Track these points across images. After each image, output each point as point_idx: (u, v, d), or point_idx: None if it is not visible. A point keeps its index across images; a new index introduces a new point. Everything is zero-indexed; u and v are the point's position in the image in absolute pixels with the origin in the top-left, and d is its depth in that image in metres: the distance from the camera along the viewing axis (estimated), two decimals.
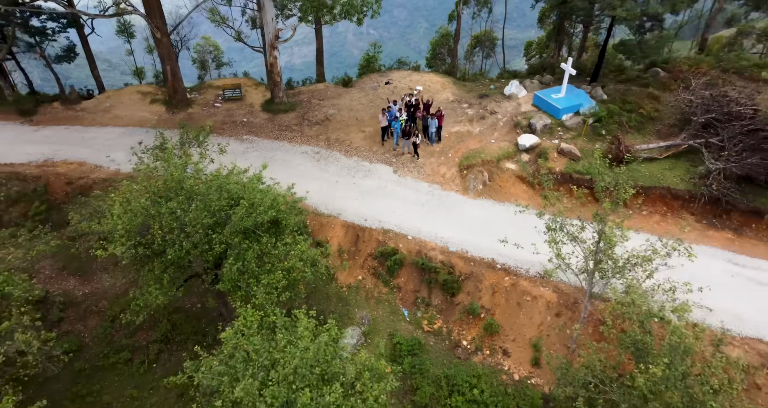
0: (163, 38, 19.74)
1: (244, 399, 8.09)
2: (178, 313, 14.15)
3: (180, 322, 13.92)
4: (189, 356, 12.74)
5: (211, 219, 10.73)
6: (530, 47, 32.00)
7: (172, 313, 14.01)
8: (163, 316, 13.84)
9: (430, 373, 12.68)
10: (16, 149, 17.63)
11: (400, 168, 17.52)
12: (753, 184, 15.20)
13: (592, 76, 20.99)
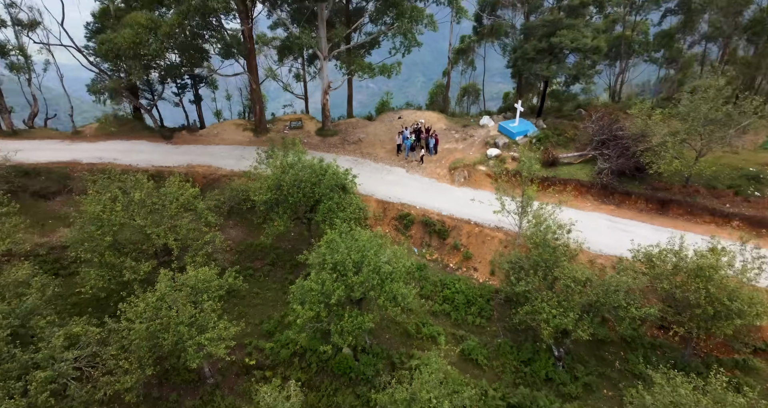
0: (256, 88, 29.28)
1: (341, 259, 16.36)
2: (277, 249, 22.64)
3: (280, 254, 22.36)
4: (287, 273, 21.28)
5: (312, 181, 19.53)
6: (507, 96, 42.09)
7: (275, 249, 22.53)
8: (271, 250, 22.35)
9: (430, 279, 20.99)
10: (168, 158, 26.70)
11: (411, 169, 26.57)
12: (625, 176, 24.01)
13: (537, 113, 30.35)
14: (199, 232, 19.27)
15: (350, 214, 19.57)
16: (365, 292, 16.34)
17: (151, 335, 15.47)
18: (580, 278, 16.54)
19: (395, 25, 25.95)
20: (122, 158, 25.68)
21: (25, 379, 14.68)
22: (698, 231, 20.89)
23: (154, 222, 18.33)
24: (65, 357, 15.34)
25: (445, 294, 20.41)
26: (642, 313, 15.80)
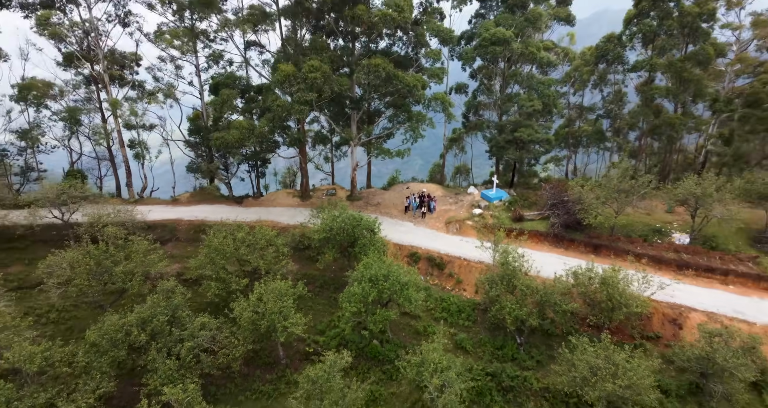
0: (305, 166, 39.54)
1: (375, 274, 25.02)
2: (324, 277, 31.02)
3: (326, 280, 30.63)
4: (331, 292, 29.66)
5: (352, 225, 28.70)
6: (492, 173, 52.75)
7: (323, 277, 30.99)
8: (320, 277, 30.79)
9: (433, 296, 29.24)
10: (242, 216, 35.25)
11: (417, 223, 35.76)
12: (570, 228, 33.09)
13: (510, 184, 40.31)
14: (278, 259, 28.12)
15: (377, 247, 28.54)
16: (390, 296, 24.82)
17: (253, 322, 23.76)
18: (531, 286, 25.14)
19: (405, 124, 36.80)
20: (210, 216, 35.05)
21: (177, 348, 22.86)
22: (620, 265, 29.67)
23: (250, 252, 27.29)
24: (200, 335, 23.58)
25: (443, 306, 28.59)
26: (569, 307, 24.16)
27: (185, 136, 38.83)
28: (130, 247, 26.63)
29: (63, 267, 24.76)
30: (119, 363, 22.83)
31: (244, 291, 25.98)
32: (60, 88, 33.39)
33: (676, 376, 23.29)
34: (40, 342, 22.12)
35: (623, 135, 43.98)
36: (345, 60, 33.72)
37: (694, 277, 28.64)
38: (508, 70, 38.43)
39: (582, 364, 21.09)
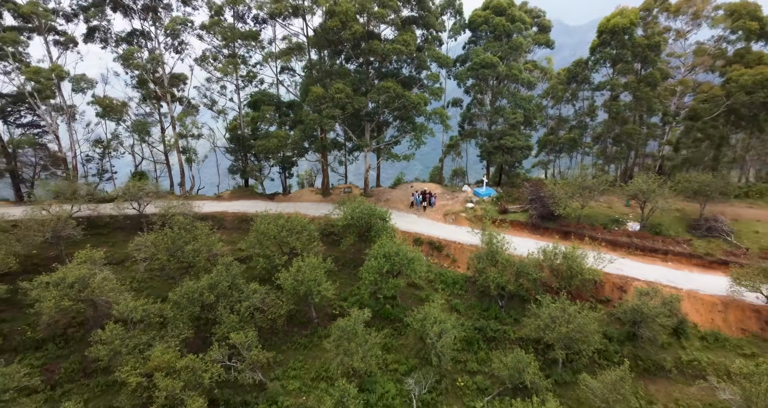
0: (326, 167, 46.43)
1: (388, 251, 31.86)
2: (345, 258, 37.77)
3: (347, 260, 37.18)
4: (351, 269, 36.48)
5: (368, 215, 35.50)
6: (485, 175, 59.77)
7: (344, 257, 37.72)
8: (341, 257, 37.60)
9: (433, 272, 36.00)
10: (276, 209, 42.35)
11: (420, 215, 42.56)
12: (545, 219, 39.82)
13: (497, 183, 47.19)
14: (310, 241, 34.97)
15: (388, 233, 35.41)
16: (399, 268, 31.66)
17: (294, 287, 30.59)
18: (509, 260, 32.01)
19: (410, 133, 43.74)
20: (250, 210, 41.91)
21: (237, 306, 29.74)
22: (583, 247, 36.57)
23: (288, 235, 34.14)
24: (253, 297, 30.46)
25: (441, 279, 35.32)
26: (538, 275, 30.99)
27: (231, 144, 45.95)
28: (195, 232, 33.58)
29: (147, 245, 31.71)
30: (195, 317, 29.73)
31: (285, 265, 32.84)
32: (125, 103, 40.35)
33: (619, 328, 30.09)
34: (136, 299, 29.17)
35: (601, 142, 50.80)
36: (362, 82, 40.73)
37: (641, 255, 35.45)
38: (496, 87, 45.40)
39: (545, 314, 27.91)
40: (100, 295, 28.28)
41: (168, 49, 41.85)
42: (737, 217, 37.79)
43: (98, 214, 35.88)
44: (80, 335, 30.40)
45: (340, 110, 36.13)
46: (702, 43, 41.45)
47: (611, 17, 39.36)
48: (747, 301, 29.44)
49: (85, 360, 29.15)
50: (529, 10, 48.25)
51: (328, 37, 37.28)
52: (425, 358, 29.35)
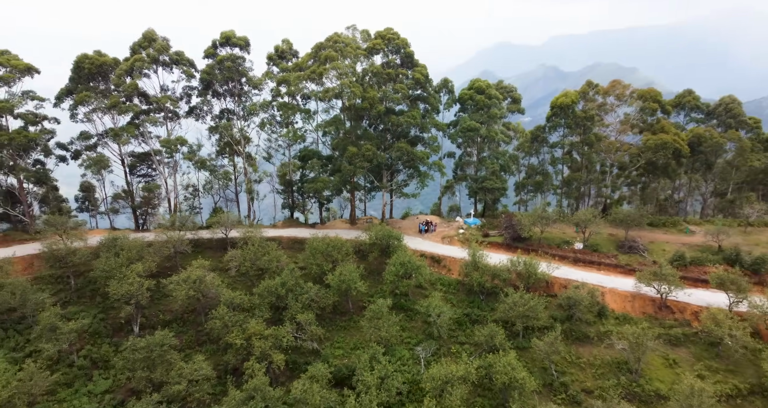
0: (354, 203, 60.27)
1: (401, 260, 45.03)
2: (371, 267, 50.87)
3: (372, 268, 50.45)
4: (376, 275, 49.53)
5: (387, 236, 48.89)
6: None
7: (369, 267, 50.77)
8: (368, 266, 50.70)
9: (434, 277, 48.97)
10: (318, 234, 55.75)
11: (424, 238, 55.43)
12: (516, 240, 53.09)
13: (482, 215, 60.79)
14: (347, 255, 48.14)
15: (402, 249, 48.68)
16: (410, 272, 44.79)
17: (337, 285, 43.63)
18: (487, 266, 45.13)
19: (416, 178, 57.89)
20: (297, 235, 55.26)
21: (300, 297, 42.75)
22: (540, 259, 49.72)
23: (332, 250, 47.42)
24: (310, 291, 43.51)
25: (440, 282, 47.94)
26: (507, 277, 44.08)
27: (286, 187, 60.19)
28: (267, 248, 47.05)
29: (237, 257, 45.15)
30: (271, 304, 42.65)
31: (330, 271, 45.97)
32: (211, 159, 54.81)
33: (561, 312, 42.79)
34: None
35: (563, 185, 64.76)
36: (382, 142, 55.32)
37: (582, 266, 48.47)
38: (480, 144, 59.88)
39: (510, 301, 40.76)
40: (210, 289, 41.44)
41: (240, 118, 56.71)
42: (653, 240, 51.10)
43: (198, 237, 49.43)
44: (192, 318, 43.21)
45: (368, 163, 50.47)
46: (628, 115, 56.00)
47: (559, 97, 54.23)
48: (646, 294, 42.44)
49: (197, 333, 41.94)
50: (504, 86, 63.55)
51: (359, 113, 52.15)
52: (429, 334, 41.83)
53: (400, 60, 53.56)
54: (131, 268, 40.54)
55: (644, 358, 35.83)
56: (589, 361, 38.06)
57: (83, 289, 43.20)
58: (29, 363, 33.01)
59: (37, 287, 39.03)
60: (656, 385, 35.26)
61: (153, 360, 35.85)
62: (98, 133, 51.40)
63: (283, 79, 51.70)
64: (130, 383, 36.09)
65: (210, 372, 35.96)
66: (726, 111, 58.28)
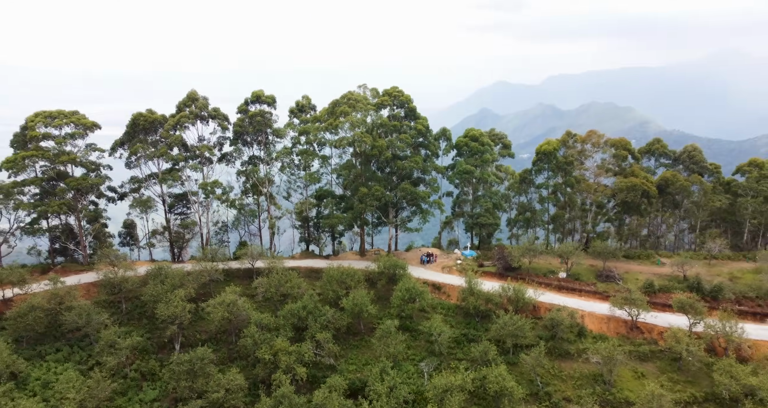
0: (363, 237, 67.09)
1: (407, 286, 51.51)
2: (379, 293, 57.00)
3: (381, 294, 56.25)
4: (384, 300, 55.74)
5: (394, 266, 55.46)
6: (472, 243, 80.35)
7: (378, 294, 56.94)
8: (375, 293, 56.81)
9: (435, 302, 55.04)
10: (333, 264, 62.82)
11: (426, 268, 61.62)
12: (507, 269, 59.10)
13: (477, 247, 67.34)
14: (358, 282, 54.40)
15: (407, 277, 54.96)
16: (414, 297, 50.96)
17: (351, 308, 49.74)
18: (481, 292, 51.34)
19: (419, 214, 64.93)
20: (314, 265, 61.54)
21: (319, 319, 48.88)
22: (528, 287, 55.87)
23: (346, 278, 53.75)
24: (327, 314, 49.58)
25: (440, 306, 53.98)
26: (499, 301, 50.19)
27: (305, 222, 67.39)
28: (289, 276, 53.48)
29: (263, 283, 51.58)
30: (294, 325, 48.65)
31: (344, 296, 52.17)
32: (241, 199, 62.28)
33: (546, 332, 48.61)
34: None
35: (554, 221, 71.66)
36: (388, 183, 62.79)
37: (565, 292, 54.48)
38: (475, 184, 67.25)
39: (501, 322, 46.78)
40: (241, 311, 47.63)
41: (264, 163, 64.56)
42: (628, 271, 57.35)
43: (228, 267, 56.03)
44: (225, 338, 49.02)
45: (377, 201, 57.68)
46: (604, 160, 63.57)
47: (542, 145, 62.06)
48: (620, 317, 48.46)
49: (229, 351, 47.75)
50: (496, 134, 71.63)
51: (369, 158, 59.89)
52: (431, 351, 47.46)
53: (404, 113, 61.77)
54: (175, 293, 46.93)
55: (616, 371, 41.56)
56: (570, 374, 43.70)
57: (132, 311, 49.45)
58: (96, 372, 39.02)
59: (96, 310, 45.32)
60: (626, 394, 40.79)
61: (195, 372, 41.63)
62: (144, 177, 59.00)
63: (304, 130, 59.77)
64: (175, 393, 41.73)
65: (243, 382, 41.63)
66: (689, 158, 65.92)
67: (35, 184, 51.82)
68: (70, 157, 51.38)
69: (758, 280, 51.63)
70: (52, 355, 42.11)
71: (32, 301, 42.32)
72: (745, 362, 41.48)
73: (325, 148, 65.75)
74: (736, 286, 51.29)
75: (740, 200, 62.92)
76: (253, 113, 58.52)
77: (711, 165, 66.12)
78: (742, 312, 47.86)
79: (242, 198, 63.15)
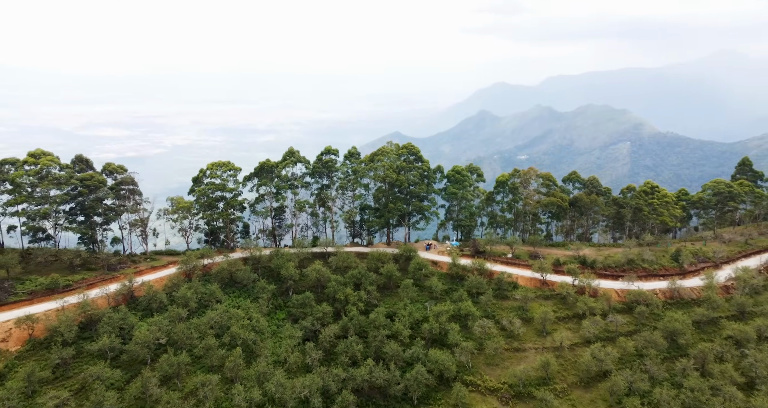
0: (389, 233, 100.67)
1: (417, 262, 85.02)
2: (400, 266, 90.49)
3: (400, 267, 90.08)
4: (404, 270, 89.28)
5: (408, 250, 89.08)
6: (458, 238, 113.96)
7: (400, 266, 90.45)
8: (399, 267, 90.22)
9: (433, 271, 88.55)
10: (369, 250, 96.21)
11: (428, 252, 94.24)
12: (478, 253, 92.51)
13: (460, 240, 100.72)
14: (388, 259, 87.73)
15: (416, 256, 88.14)
16: (421, 266, 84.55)
17: (385, 273, 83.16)
18: (459, 264, 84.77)
19: (423, 220, 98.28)
20: (359, 250, 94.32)
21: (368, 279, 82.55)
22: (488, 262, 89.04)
23: (381, 256, 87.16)
24: (372, 277, 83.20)
25: (437, 273, 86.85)
26: (470, 269, 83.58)
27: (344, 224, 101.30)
28: (347, 256, 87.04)
29: (334, 260, 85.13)
30: (354, 282, 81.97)
31: (380, 267, 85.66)
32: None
33: (495, 286, 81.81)
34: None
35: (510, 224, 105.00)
36: (404, 201, 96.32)
37: (511, 265, 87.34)
38: (459, 200, 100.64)
39: (470, 280, 79.89)
40: (325, 274, 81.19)
41: (329, 188, 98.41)
42: (549, 253, 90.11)
43: (311, 251, 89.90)
44: (316, 289, 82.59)
45: (398, 212, 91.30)
46: (537, 186, 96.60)
47: (499, 177, 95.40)
48: (537, 277, 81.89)
49: (318, 295, 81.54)
50: (473, 167, 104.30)
51: (392, 185, 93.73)
52: (431, 297, 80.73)
53: (414, 158, 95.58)
54: (288, 263, 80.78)
55: (528, 304, 74.86)
56: (506, 306, 76.72)
57: (264, 274, 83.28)
58: (257, 302, 73.06)
59: (250, 271, 79.26)
60: (533, 314, 73.88)
61: (304, 305, 75.35)
62: (260, 196, 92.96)
63: (355, 170, 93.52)
64: (294, 315, 75.55)
65: (330, 310, 74.95)
66: (591, 183, 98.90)
67: (203, 203, 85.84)
68: (226, 187, 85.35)
69: (620, 258, 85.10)
70: (233, 293, 76.16)
71: (222, 265, 76.38)
72: (595, 297, 75.11)
73: (364, 179, 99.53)
74: (606, 261, 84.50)
75: (622, 210, 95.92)
76: (326, 161, 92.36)
77: (604, 188, 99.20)
78: (605, 275, 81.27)
79: (316, 209, 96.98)
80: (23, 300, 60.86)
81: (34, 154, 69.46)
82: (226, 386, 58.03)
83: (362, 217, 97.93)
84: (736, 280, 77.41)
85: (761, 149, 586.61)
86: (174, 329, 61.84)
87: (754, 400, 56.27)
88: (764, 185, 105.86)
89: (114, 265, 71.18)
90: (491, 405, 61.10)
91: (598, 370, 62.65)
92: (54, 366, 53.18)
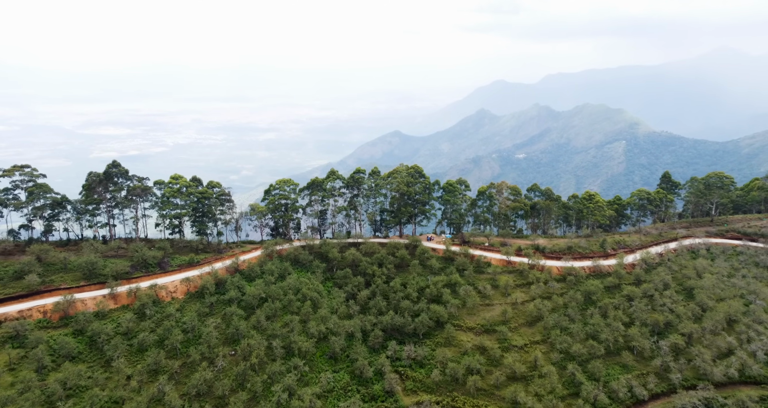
0: (402, 228, 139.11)
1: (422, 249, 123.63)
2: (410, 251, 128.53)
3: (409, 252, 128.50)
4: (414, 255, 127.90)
5: (415, 240, 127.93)
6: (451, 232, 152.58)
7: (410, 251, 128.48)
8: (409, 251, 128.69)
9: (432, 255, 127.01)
10: (387, 241, 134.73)
11: (429, 243, 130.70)
12: (464, 243, 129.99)
13: (453, 234, 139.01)
14: (401, 247, 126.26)
15: (421, 245, 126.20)
16: (425, 252, 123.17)
17: (400, 256, 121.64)
18: (452, 250, 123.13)
19: (425, 218, 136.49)
20: (380, 241, 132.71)
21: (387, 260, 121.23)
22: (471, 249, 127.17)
23: (397, 244, 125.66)
24: (391, 258, 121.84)
25: (435, 256, 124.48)
26: (459, 254, 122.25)
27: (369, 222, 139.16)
28: (372, 244, 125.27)
29: (364, 247, 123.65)
30: (377, 263, 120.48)
31: (397, 252, 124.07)
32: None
33: (474, 265, 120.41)
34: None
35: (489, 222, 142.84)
36: (411, 205, 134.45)
37: (488, 251, 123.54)
38: (452, 203, 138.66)
39: (458, 261, 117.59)
40: (358, 256, 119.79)
41: (358, 197, 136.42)
42: (515, 242, 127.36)
43: (346, 242, 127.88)
44: (353, 266, 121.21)
45: (408, 213, 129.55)
46: (508, 195, 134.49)
47: (480, 188, 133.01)
48: (504, 258, 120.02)
49: (354, 269, 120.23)
50: (462, 181, 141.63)
51: (404, 194, 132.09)
52: (431, 272, 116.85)
53: (418, 174, 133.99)
54: (332, 249, 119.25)
55: (497, 276, 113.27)
56: (482, 278, 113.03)
57: (316, 256, 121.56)
58: (314, 277, 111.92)
59: (308, 254, 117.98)
60: (499, 283, 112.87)
61: (345, 278, 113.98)
62: (309, 203, 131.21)
63: (376, 183, 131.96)
64: (339, 282, 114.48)
65: (362, 280, 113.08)
66: (547, 192, 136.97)
67: (271, 209, 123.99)
68: (289, 197, 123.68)
69: (563, 245, 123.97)
70: (297, 269, 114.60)
71: (289, 250, 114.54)
72: (541, 271, 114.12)
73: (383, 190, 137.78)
74: (552, 247, 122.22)
75: (569, 212, 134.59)
76: (356, 177, 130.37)
77: (556, 195, 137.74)
78: (551, 257, 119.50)
79: (348, 212, 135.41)
80: (175, 270, 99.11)
81: (174, 177, 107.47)
82: (302, 324, 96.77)
83: (382, 217, 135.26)
84: (640, 260, 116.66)
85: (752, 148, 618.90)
86: (267, 289, 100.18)
87: (630, 330, 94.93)
88: (681, 192, 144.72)
89: (221, 249, 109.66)
90: (469, 336, 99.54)
91: (537, 315, 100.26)
92: (208, 306, 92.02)
